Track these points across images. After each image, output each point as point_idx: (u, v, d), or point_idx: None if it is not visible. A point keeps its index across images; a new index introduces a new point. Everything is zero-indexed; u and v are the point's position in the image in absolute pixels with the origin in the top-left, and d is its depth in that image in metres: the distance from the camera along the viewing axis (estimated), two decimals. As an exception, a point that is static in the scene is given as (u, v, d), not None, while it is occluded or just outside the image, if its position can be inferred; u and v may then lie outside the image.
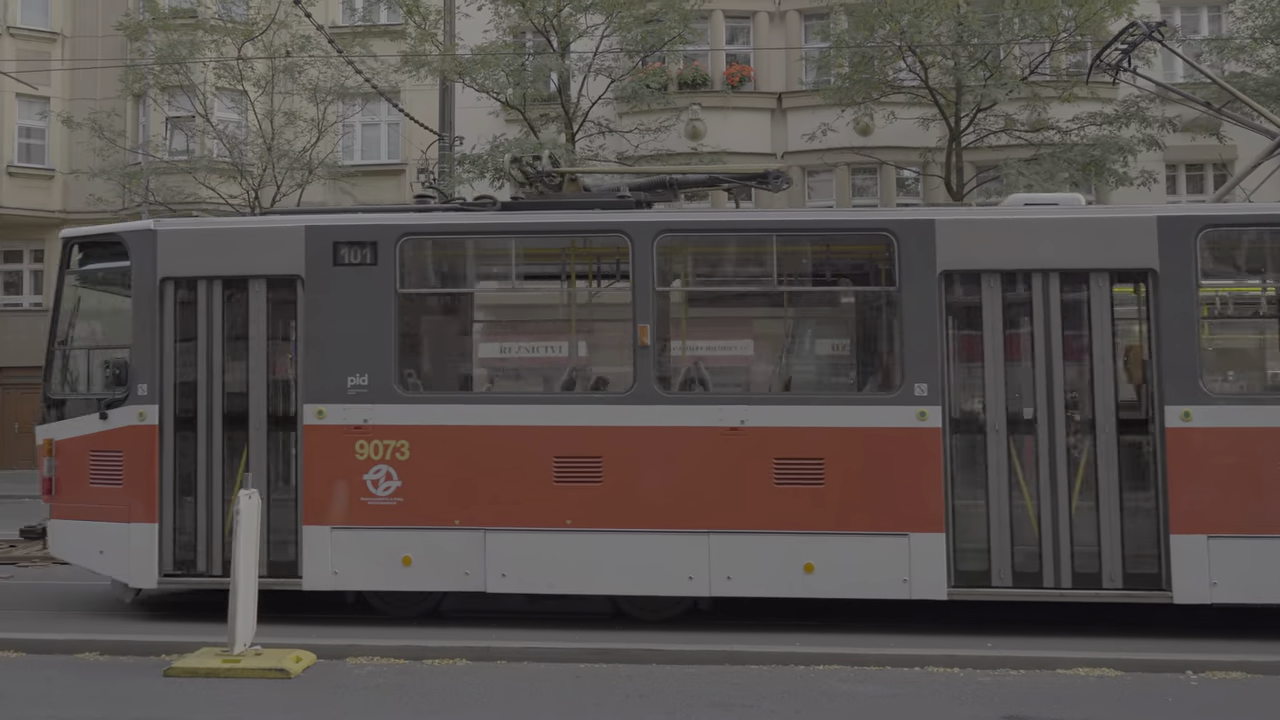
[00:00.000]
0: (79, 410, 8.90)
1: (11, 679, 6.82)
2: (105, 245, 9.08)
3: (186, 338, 8.70)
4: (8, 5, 24.94)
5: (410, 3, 18.74)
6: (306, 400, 8.42)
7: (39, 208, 25.23)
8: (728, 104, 22.43)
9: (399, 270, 8.43)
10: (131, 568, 8.48)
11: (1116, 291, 8.09)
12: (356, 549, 8.22)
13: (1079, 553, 7.78)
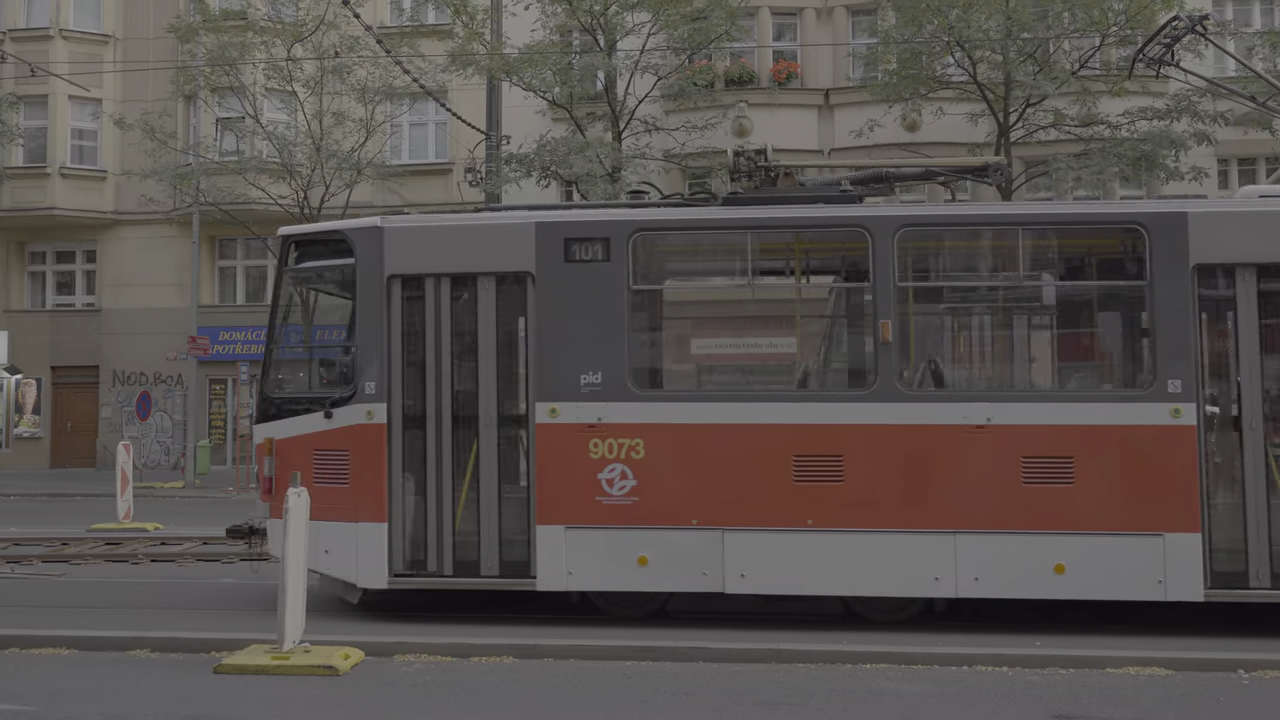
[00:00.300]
0: (299, 409, 8.73)
1: (65, 676, 6.89)
2: (326, 243, 9.05)
3: (413, 336, 8.56)
4: (60, 8, 25.43)
5: (458, 2, 18.81)
6: (539, 398, 8.26)
7: (91, 209, 25.70)
8: (774, 101, 22.27)
9: (631, 266, 8.27)
10: (360, 568, 8.33)
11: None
12: (591, 549, 8.07)
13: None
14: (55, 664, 7.21)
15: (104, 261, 26.33)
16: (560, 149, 18.24)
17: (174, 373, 25.11)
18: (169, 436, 25.68)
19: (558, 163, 18.27)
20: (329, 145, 20.81)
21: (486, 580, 8.22)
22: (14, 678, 6.81)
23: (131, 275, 25.95)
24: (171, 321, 24.45)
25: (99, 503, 17.67)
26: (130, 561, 11.55)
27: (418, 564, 8.27)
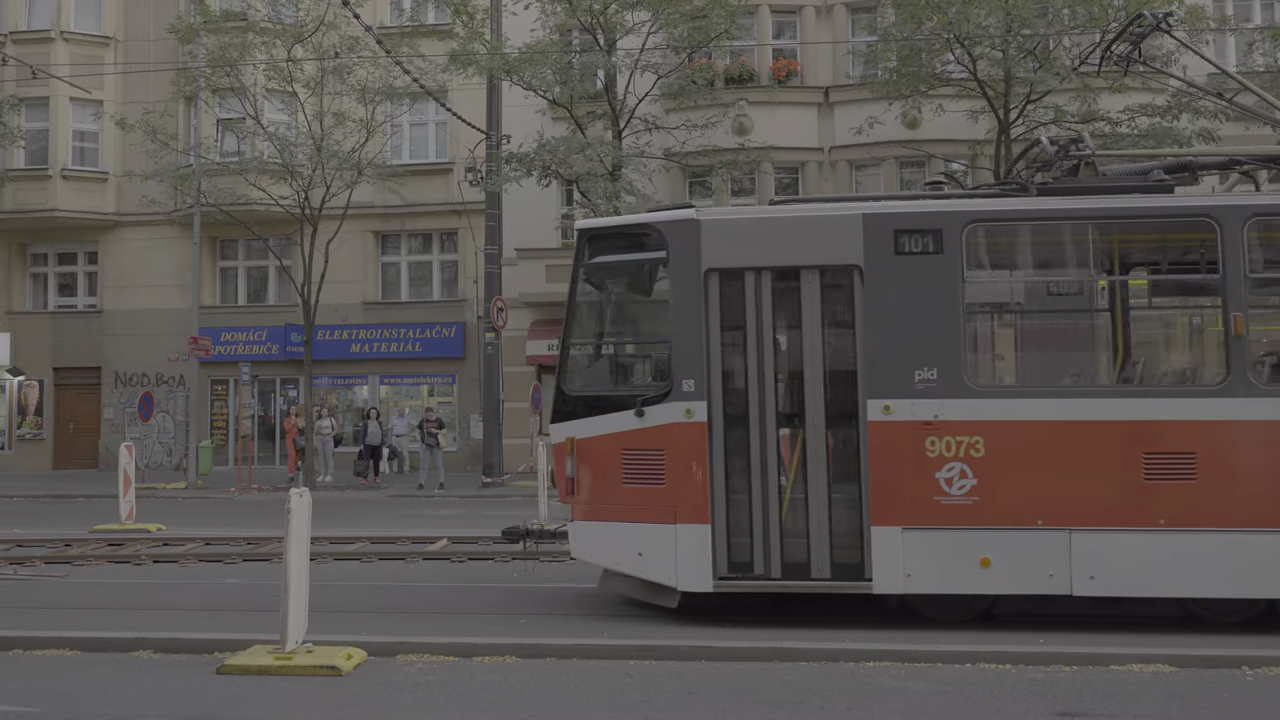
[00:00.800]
0: (605, 407, 8.45)
1: (68, 677, 6.90)
2: (632, 236, 8.79)
3: (733, 331, 8.30)
4: (61, 11, 25.45)
5: (458, 2, 18.83)
6: (870, 395, 7.99)
7: (93, 210, 25.73)
8: (774, 99, 22.27)
9: (965, 258, 8.06)
10: (680, 570, 8.06)
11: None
12: (930, 550, 7.79)
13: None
14: (58, 665, 7.21)
15: (106, 263, 26.35)
16: (560, 148, 18.26)
17: (176, 374, 25.13)
18: (171, 437, 25.71)
19: (558, 162, 18.28)
20: (330, 145, 20.81)
21: (817, 583, 7.96)
22: (18, 679, 6.81)
23: (133, 276, 25.97)
24: (173, 322, 24.48)
25: (101, 504, 17.69)
26: (133, 562, 11.56)
27: (742, 566, 7.99)
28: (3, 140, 24.17)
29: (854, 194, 9.63)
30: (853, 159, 22.51)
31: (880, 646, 7.26)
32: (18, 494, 20.69)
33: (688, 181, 22.92)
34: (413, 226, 24.98)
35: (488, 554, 11.68)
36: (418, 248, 25.46)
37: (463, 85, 21.28)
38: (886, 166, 22.28)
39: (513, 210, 21.30)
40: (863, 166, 22.68)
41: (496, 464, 20.48)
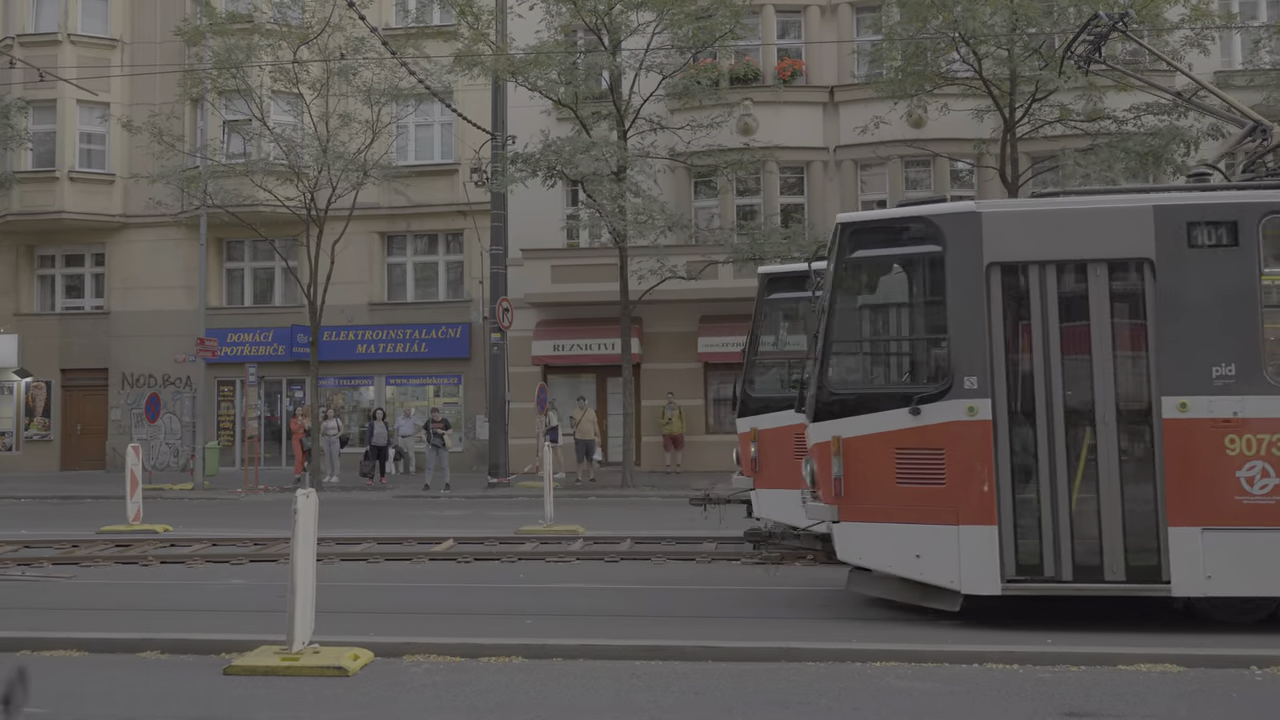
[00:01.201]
0: (875, 406, 8.33)
1: (76, 678, 6.92)
2: (902, 229, 8.67)
3: (1017, 327, 8.21)
4: (68, 13, 25.53)
5: (463, 3, 18.84)
6: (1164, 392, 7.79)
7: (100, 212, 25.81)
8: (779, 98, 22.28)
9: (1260, 251, 7.85)
10: (964, 573, 7.88)
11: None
12: (1233, 551, 7.57)
13: None
14: (66, 666, 7.24)
15: (112, 264, 26.42)
16: (566, 148, 18.28)
17: (182, 375, 25.21)
18: (178, 438, 25.77)
19: (563, 162, 18.30)
20: (335, 147, 20.84)
21: (1112, 586, 7.75)
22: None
23: (140, 278, 26.04)
24: (180, 324, 24.55)
25: (109, 505, 17.72)
26: (140, 563, 11.60)
27: (1031, 569, 7.80)
28: (10, 142, 24.28)
29: (1135, 185, 10.49)
30: (858, 158, 22.50)
31: (887, 646, 7.26)
32: (25, 495, 20.77)
33: (693, 181, 22.93)
34: (418, 227, 25.01)
35: (494, 554, 11.69)
36: (423, 249, 25.49)
37: (468, 86, 21.31)
38: (892, 166, 22.27)
39: (518, 211, 21.32)
40: (868, 166, 22.66)
41: (502, 464, 20.50)
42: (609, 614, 8.58)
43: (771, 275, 11.32)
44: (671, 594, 9.54)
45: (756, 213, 22.40)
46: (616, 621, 8.20)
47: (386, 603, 9.17)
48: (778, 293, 11.15)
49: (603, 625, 8.02)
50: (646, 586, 9.90)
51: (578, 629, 7.85)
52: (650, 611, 8.74)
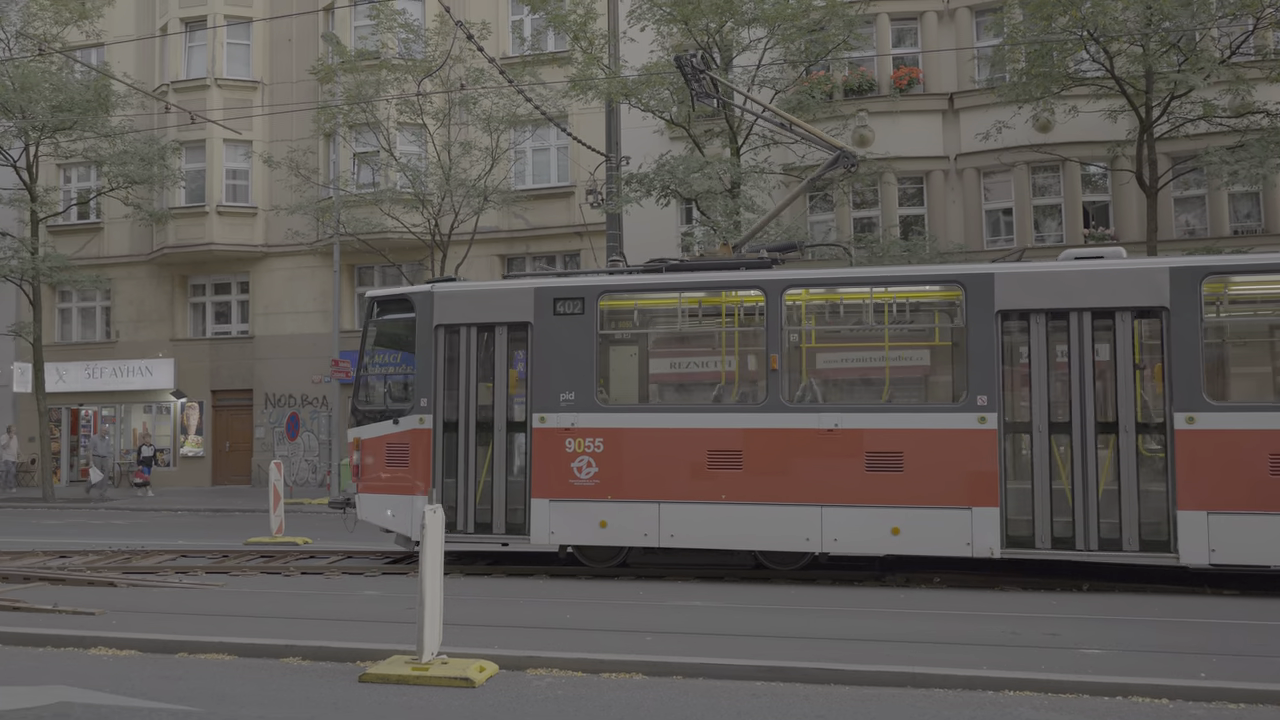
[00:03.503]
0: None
1: (227, 680, 7.36)
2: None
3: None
4: (215, 60, 27.20)
5: (577, 29, 19.22)
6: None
7: (244, 243, 27.33)
8: (895, 108, 21.95)
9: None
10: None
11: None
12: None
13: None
14: (218, 668, 7.70)
15: (255, 291, 27.91)
16: (679, 167, 18.42)
17: (319, 395, 26.41)
18: (315, 455, 26.98)
19: (677, 181, 18.44)
20: (457, 174, 21.56)
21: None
22: (183, 680, 7.31)
23: (280, 303, 27.44)
24: (316, 346, 25.75)
25: (254, 517, 18.72)
26: (283, 574, 12.22)
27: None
28: (166, 181, 25.96)
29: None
30: (980, 166, 21.96)
31: (1021, 675, 6.97)
32: (181, 508, 22.08)
33: (807, 195, 22.77)
34: (537, 249, 25.60)
35: (614, 574, 11.86)
36: (541, 269, 26.07)
37: (582, 110, 21.75)
38: (1017, 172, 21.65)
39: (633, 230, 21.59)
40: (991, 173, 22.09)
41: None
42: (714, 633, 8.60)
43: (376, 298, 12.76)
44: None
45: (875, 225, 22.09)
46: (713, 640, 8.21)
47: (510, 616, 9.41)
48: (383, 314, 12.64)
49: (720, 644, 8.06)
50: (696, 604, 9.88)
51: (696, 647, 7.90)
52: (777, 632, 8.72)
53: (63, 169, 29.06)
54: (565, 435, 11.31)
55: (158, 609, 9.78)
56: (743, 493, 10.85)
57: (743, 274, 11.39)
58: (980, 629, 8.56)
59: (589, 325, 11.33)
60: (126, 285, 28.76)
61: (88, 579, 11.43)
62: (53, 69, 24.09)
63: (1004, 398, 10.38)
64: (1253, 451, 9.77)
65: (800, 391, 11.22)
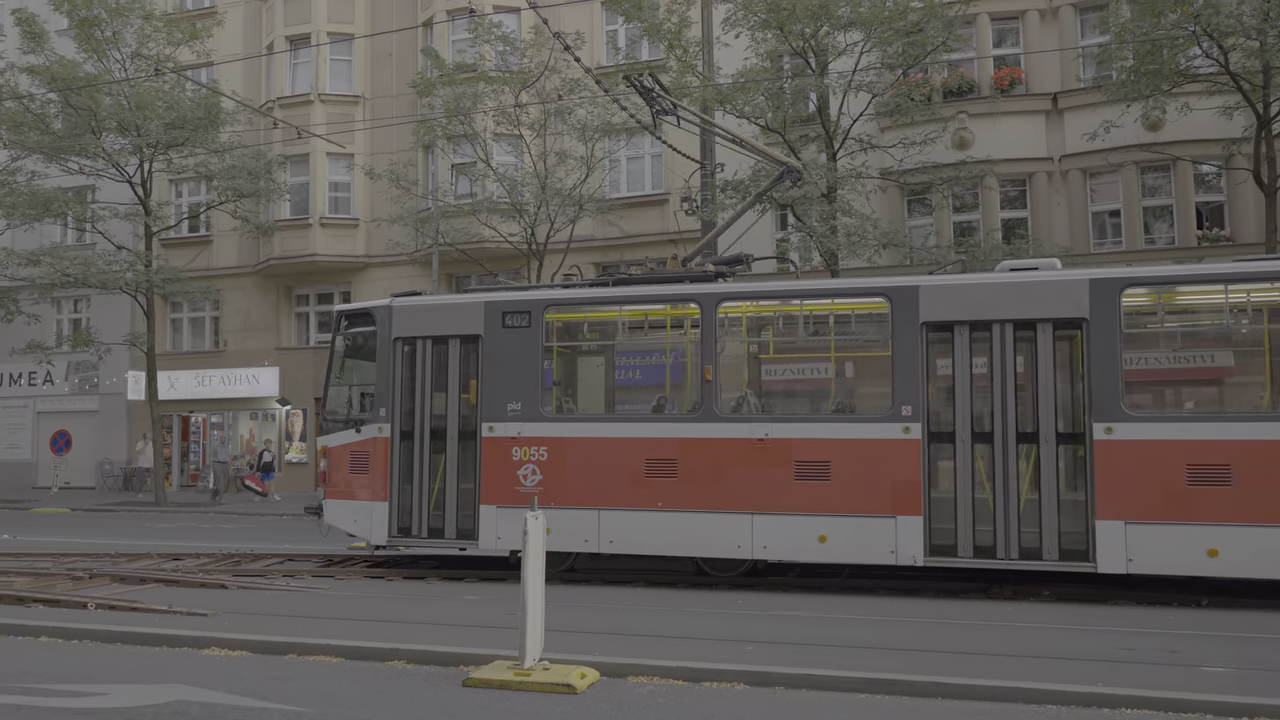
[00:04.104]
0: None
1: (334, 681, 7.53)
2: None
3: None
4: (318, 76, 28.07)
5: (671, 37, 19.24)
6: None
7: (346, 254, 28.08)
8: (997, 109, 21.41)
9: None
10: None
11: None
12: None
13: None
14: (325, 670, 7.88)
15: (357, 301, 28.63)
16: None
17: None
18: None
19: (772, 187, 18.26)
20: (553, 183, 21.78)
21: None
22: (292, 681, 7.50)
23: (380, 313, 28.06)
24: (415, 355, 26.23)
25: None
26: (385, 579, 12.47)
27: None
28: (272, 195, 26.87)
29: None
30: (1086, 167, 21.27)
31: (1140, 693, 6.68)
32: (287, 513, 22.75)
33: (905, 199, 22.38)
34: (632, 257, 25.68)
35: (709, 583, 11.78)
36: (637, 277, 26.16)
37: (678, 117, 21.73)
38: (1125, 173, 20.90)
39: (727, 237, 21.46)
40: (1098, 174, 21.37)
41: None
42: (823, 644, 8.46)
43: (343, 312, 13.20)
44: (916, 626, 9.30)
45: (975, 229, 21.57)
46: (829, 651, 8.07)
47: (609, 623, 9.41)
48: (349, 328, 13.10)
49: (823, 655, 7.92)
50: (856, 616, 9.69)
51: (799, 658, 7.78)
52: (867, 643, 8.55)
53: (175, 184, 30.31)
54: (512, 444, 11.72)
55: (266, 611, 10.07)
56: (678, 501, 11.11)
57: (679, 288, 11.66)
58: (1093, 644, 8.24)
59: (535, 338, 11.71)
60: (234, 295, 29.83)
61: (200, 581, 11.84)
62: (166, 88, 25.16)
63: (928, 408, 10.49)
64: (1169, 461, 9.82)
65: (733, 402, 11.48)
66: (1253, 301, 10.43)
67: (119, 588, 11.66)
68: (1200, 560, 9.75)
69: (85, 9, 24.42)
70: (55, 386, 32.03)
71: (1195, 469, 9.77)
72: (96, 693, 7.13)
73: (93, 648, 8.77)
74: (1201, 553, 9.72)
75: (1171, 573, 10.04)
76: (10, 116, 25.56)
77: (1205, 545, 9.71)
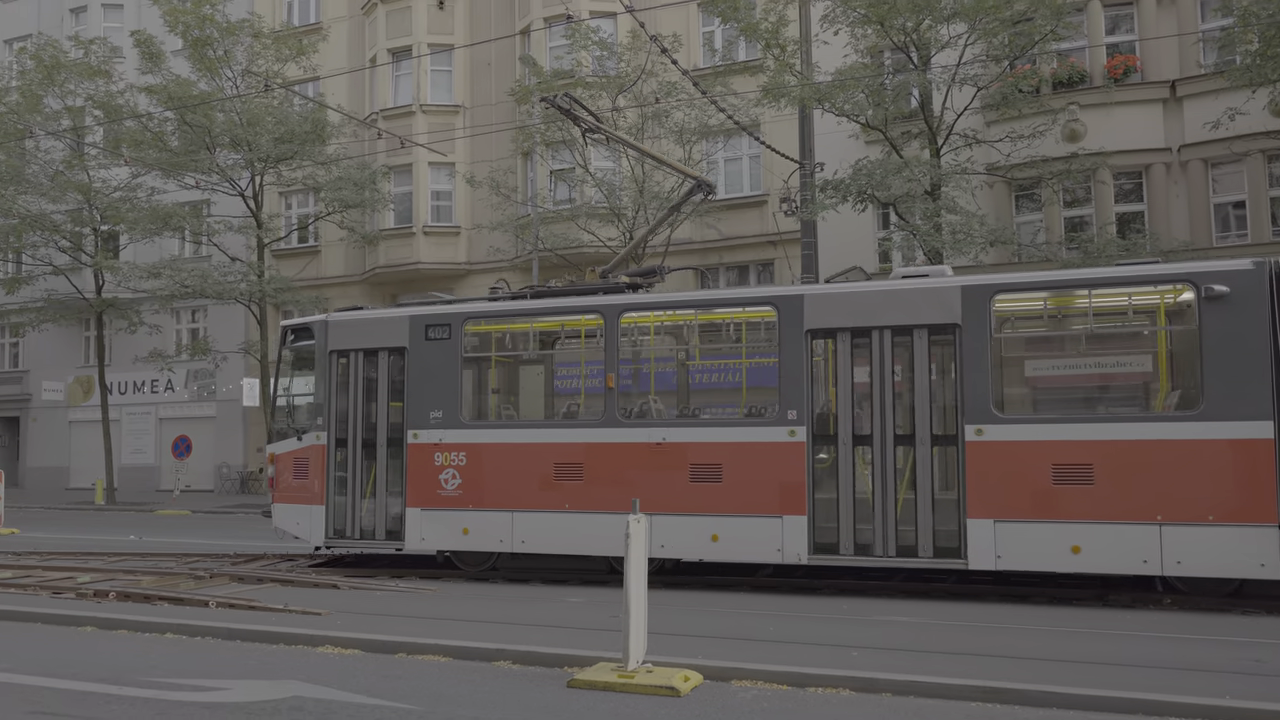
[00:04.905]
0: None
1: (442, 680, 7.65)
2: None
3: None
4: (420, 87, 28.75)
5: (769, 37, 19.08)
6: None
7: (448, 261, 28.66)
8: (1110, 99, 20.60)
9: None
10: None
11: None
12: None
13: None
14: (434, 669, 8.01)
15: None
16: (876, 171, 17.94)
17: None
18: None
19: (874, 185, 17.96)
20: (651, 187, 21.82)
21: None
22: (402, 679, 7.66)
23: (483, 319, 28.55)
24: (517, 360, 26.60)
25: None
26: (490, 580, 12.65)
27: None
28: (377, 205, 27.61)
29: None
30: (1208, 156, 20.31)
31: (1267, 707, 6.34)
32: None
33: (1013, 195, 21.74)
34: (730, 259, 25.59)
35: (816, 587, 11.62)
36: (734, 280, 26.03)
37: (775, 118, 21.58)
38: (1251, 162, 19.90)
39: (828, 238, 21.22)
40: (1220, 164, 20.39)
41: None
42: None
43: (287, 327, 13.98)
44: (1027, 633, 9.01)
45: (1088, 224, 20.81)
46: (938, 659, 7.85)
47: (711, 627, 9.35)
48: (294, 341, 13.82)
49: (928, 661, 7.72)
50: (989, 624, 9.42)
51: (905, 664, 7.60)
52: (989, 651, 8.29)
53: (284, 196, 31.41)
54: (434, 450, 12.41)
55: (376, 611, 10.31)
56: (584, 503, 11.67)
57: (584, 300, 12.28)
58: (1219, 654, 7.83)
59: (454, 350, 12.41)
60: (342, 303, 30.65)
61: (313, 581, 12.21)
62: (274, 104, 26.10)
63: (812, 412, 10.92)
64: (1036, 462, 10.12)
65: (635, 408, 12.05)
66: (1115, 306, 10.80)
67: (238, 587, 12.10)
68: (1064, 557, 10.04)
69: (198, 29, 25.50)
70: (176, 393, 33.52)
71: (1060, 468, 10.06)
72: (219, 687, 7.39)
73: (214, 644, 9.11)
74: (1065, 549, 10.01)
75: (1037, 568, 10.31)
76: (131, 135, 26.87)
77: (1069, 542, 10.00)
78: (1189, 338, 10.06)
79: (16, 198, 28.39)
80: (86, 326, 33.87)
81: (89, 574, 13.04)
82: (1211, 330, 9.70)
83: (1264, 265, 9.66)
